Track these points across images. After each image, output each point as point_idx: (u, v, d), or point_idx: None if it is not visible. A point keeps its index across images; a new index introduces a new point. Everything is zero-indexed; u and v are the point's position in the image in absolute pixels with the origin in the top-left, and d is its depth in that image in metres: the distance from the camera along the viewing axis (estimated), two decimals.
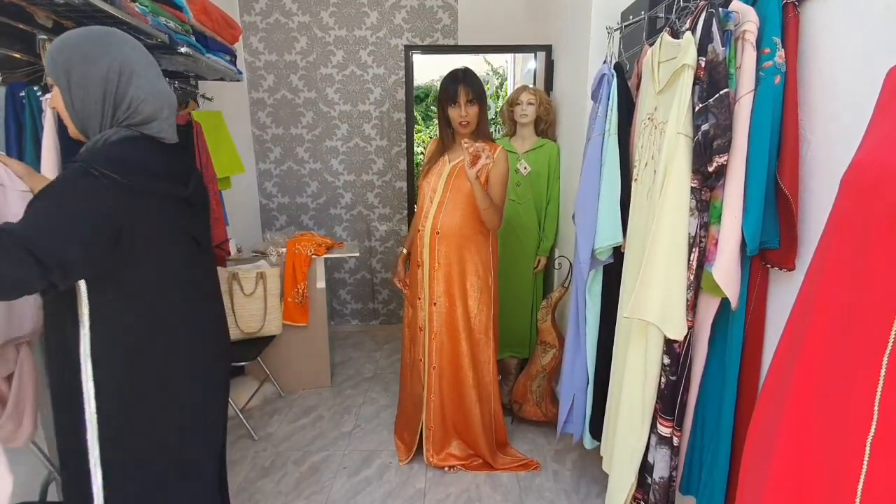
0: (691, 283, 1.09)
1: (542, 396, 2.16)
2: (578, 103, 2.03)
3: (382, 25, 3.02)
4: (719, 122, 0.99)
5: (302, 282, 2.41)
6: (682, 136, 1.03)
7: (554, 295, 2.12)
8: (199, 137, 2.13)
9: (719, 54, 1.00)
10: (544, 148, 2.33)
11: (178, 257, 1.00)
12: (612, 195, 1.36)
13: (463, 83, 1.70)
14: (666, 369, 1.18)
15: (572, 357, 1.74)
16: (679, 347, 1.16)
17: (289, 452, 2.04)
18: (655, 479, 1.27)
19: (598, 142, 1.41)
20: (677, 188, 1.04)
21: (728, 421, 1.16)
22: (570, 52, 2.17)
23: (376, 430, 2.20)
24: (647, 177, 1.22)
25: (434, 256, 1.81)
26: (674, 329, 1.10)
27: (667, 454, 1.20)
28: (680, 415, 1.23)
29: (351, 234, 3.32)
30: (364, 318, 3.46)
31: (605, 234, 1.38)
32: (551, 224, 2.36)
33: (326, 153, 3.20)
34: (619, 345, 1.43)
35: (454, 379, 1.87)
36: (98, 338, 0.90)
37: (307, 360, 2.55)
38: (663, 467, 1.20)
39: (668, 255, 1.06)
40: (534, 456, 2.00)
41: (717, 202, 1.05)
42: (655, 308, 1.11)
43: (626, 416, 1.30)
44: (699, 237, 1.07)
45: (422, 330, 1.88)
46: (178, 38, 1.78)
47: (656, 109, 1.19)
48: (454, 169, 1.80)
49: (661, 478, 1.25)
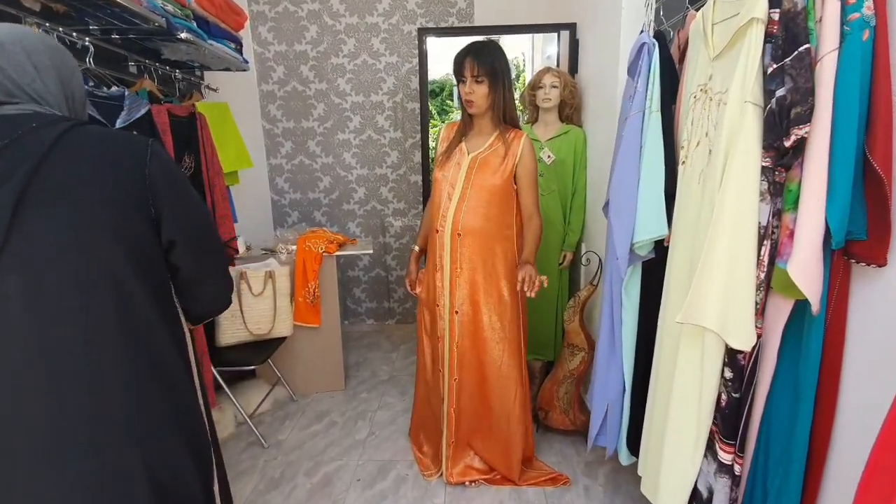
0: (762, 282, 0.92)
1: (570, 404, 2.00)
2: (608, 84, 1.85)
3: (395, 11, 2.88)
4: (798, 86, 0.82)
5: (313, 281, 2.29)
6: (750, 106, 0.85)
7: (582, 293, 1.95)
8: (203, 130, 2.02)
9: (797, 3, 0.82)
10: (569, 134, 2.15)
11: None
12: (654, 181, 1.19)
13: (471, 55, 1.50)
14: (728, 385, 1.01)
15: (606, 362, 1.57)
16: (744, 359, 0.98)
17: (300, 462, 1.93)
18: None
19: (638, 121, 1.23)
20: (744, 169, 0.87)
21: (801, 443, 0.99)
22: (598, 27, 1.99)
23: (392, 438, 2.07)
24: (700, 158, 1.05)
25: (456, 260, 1.64)
26: (740, 338, 0.93)
27: (727, 484, 1.03)
28: (742, 438, 1.06)
29: (365, 231, 3.20)
30: (379, 317, 3.34)
31: (646, 225, 1.21)
32: (578, 216, 2.18)
33: (339, 146, 3.07)
34: (662, 351, 1.26)
35: (478, 392, 1.71)
36: None
37: (320, 363, 2.43)
38: (723, 499, 1.03)
39: (733, 250, 0.89)
40: (562, 469, 1.84)
41: (793, 185, 0.87)
42: (716, 313, 0.94)
43: (676, 437, 1.13)
44: (771, 227, 0.90)
45: (441, 339, 1.73)
46: (176, 23, 1.67)
47: (711, 78, 1.02)
48: (475, 161, 1.62)
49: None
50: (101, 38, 1.68)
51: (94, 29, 1.63)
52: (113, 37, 1.71)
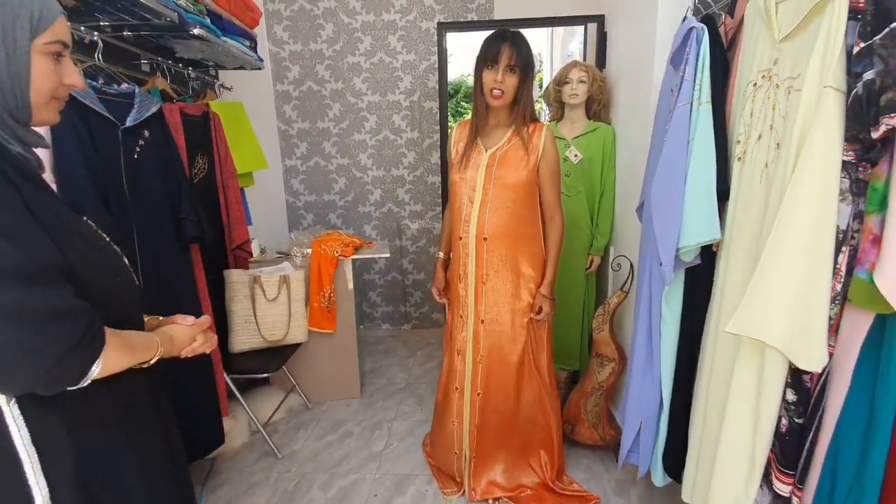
0: (838, 294, 0.80)
1: (599, 417, 1.88)
2: (643, 77, 1.74)
3: (412, 7, 2.79)
4: (890, 68, 0.70)
5: (328, 285, 2.22)
6: (830, 91, 0.74)
7: (612, 301, 1.83)
8: (217, 130, 1.97)
9: None
10: (597, 132, 2.04)
11: None
12: (705, 179, 1.07)
13: (510, 42, 1.40)
14: (791, 409, 0.89)
15: (640, 376, 1.46)
16: (811, 381, 0.87)
17: (315, 475, 1.85)
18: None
19: (685, 113, 1.12)
20: (823, 163, 0.75)
21: (875, 475, 0.87)
22: (630, 17, 1.87)
23: (409, 451, 1.98)
24: (761, 153, 0.93)
25: (482, 266, 1.55)
26: (810, 358, 0.81)
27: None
28: (804, 468, 0.94)
29: (381, 233, 3.12)
30: (395, 321, 3.26)
31: (695, 228, 1.09)
32: (606, 219, 2.07)
33: (354, 147, 3.00)
34: (714, 367, 1.14)
35: (503, 405, 1.61)
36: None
37: (335, 370, 2.35)
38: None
39: (807, 256, 0.78)
40: (591, 487, 1.72)
41: (880, 182, 0.76)
42: (782, 327, 0.83)
43: (728, 463, 1.01)
44: (851, 231, 0.78)
45: (460, 353, 1.63)
46: (189, 18, 1.61)
47: (776, 63, 0.90)
48: (493, 157, 1.51)
49: None
50: (112, 35, 1.63)
51: (106, 25, 1.57)
52: (125, 33, 1.65)
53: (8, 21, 0.61)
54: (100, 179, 1.29)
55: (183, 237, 1.59)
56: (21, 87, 0.63)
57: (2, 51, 0.61)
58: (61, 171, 1.17)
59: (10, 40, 0.61)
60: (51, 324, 0.60)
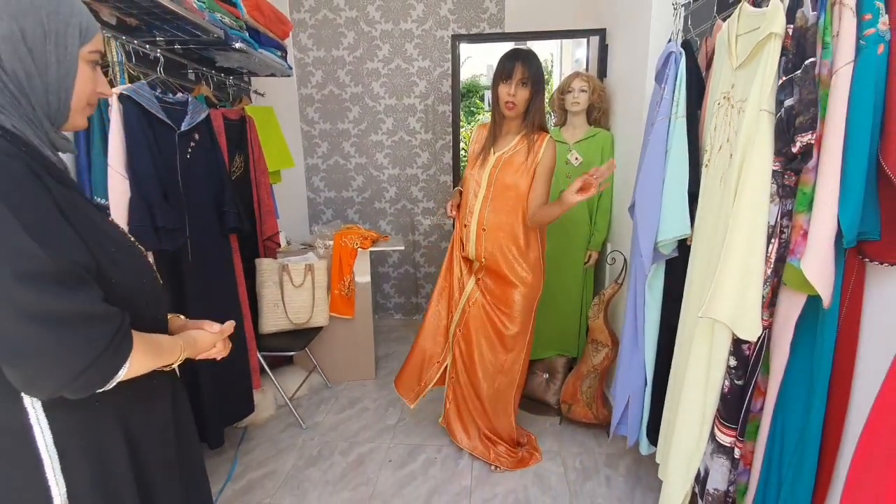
0: (769, 277, 0.98)
1: (593, 398, 2.07)
2: (637, 89, 1.91)
3: (428, 17, 2.99)
4: (803, 97, 0.88)
5: (348, 274, 2.43)
6: (765, 113, 0.92)
7: (607, 292, 2.02)
8: (251, 132, 2.19)
9: (808, 19, 0.88)
10: (597, 137, 2.22)
11: None
12: (679, 183, 1.26)
13: (522, 61, 1.61)
14: (732, 372, 1.08)
15: (629, 357, 1.64)
16: (749, 349, 1.05)
17: (335, 443, 2.06)
18: (710, 489, 1.17)
19: (664, 126, 1.30)
20: (759, 171, 0.94)
21: (815, 433, 1.04)
22: (627, 33, 2.05)
23: (421, 425, 2.18)
24: (722, 161, 1.11)
25: (480, 252, 1.78)
26: (747, 329, 1.00)
27: (725, 465, 1.10)
28: (744, 424, 1.12)
29: (395, 229, 3.33)
30: (407, 312, 3.47)
31: (670, 225, 1.28)
32: (603, 217, 2.25)
33: (372, 147, 3.21)
34: (681, 345, 1.32)
35: (470, 375, 1.88)
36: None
37: (352, 353, 2.57)
38: (719, 479, 1.10)
39: (747, 247, 0.96)
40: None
41: (808, 188, 0.94)
42: (728, 306, 1.01)
43: (684, 420, 1.20)
44: (780, 227, 0.96)
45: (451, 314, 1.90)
46: (232, 34, 1.83)
47: (733, 87, 1.08)
48: (499, 160, 1.72)
49: (716, 489, 1.16)
50: (165, 49, 1.85)
51: (160, 40, 1.79)
52: (176, 47, 1.87)
53: (61, 28, 0.65)
54: (162, 177, 1.51)
55: (225, 227, 1.81)
56: (66, 90, 0.67)
57: (53, 55, 0.65)
58: (135, 171, 1.39)
59: (61, 46, 0.65)
60: (81, 329, 0.60)
